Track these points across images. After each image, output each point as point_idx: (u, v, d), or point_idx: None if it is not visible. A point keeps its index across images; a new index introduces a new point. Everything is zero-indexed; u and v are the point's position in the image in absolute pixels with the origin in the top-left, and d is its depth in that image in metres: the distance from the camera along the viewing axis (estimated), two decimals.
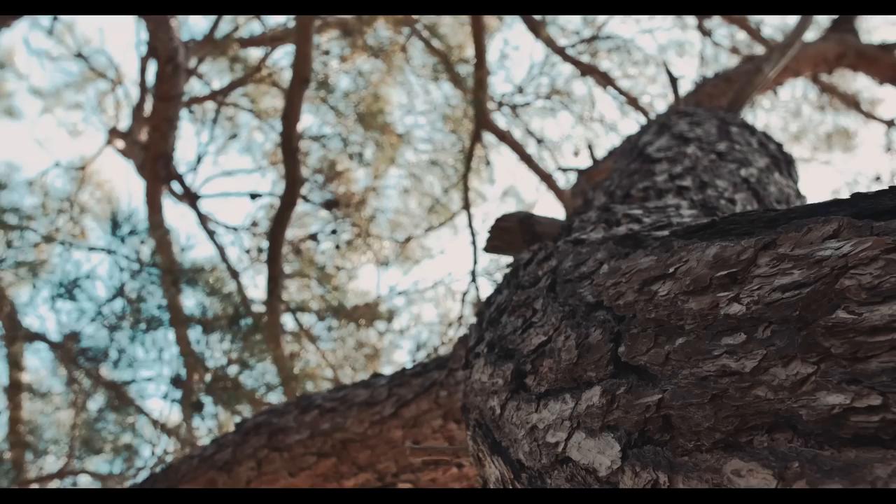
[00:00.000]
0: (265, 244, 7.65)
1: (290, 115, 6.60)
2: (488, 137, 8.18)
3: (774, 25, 8.12)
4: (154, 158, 7.25)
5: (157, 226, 7.02)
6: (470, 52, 8.01)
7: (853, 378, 0.77)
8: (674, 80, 3.47)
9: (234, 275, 7.58)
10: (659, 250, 1.25)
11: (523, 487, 1.24)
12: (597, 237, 1.60)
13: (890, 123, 7.87)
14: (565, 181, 7.54)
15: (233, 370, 6.61)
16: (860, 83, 8.06)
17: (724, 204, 2.01)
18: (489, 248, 2.57)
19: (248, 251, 7.98)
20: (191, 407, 6.48)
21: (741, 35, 8.10)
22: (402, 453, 2.72)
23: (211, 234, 7.78)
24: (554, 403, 1.20)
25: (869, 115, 8.08)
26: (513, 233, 2.49)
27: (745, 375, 0.88)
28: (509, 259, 2.76)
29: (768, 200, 2.28)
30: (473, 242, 7.83)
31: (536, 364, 1.34)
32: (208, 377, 6.62)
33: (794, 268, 0.93)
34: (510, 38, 13.97)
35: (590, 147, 5.05)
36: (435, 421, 2.64)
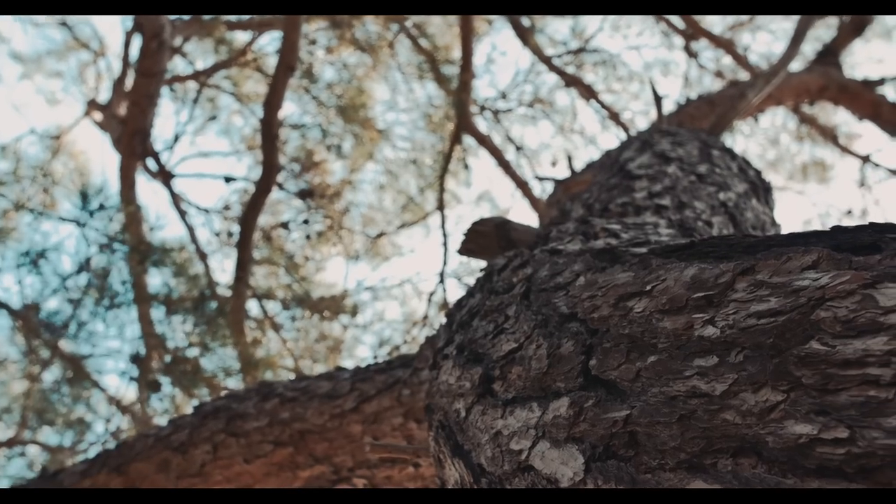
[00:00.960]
0: (236, 228, 7.62)
1: (272, 102, 6.57)
2: (468, 140, 8.19)
3: (760, 52, 8.20)
4: (131, 134, 7.19)
5: (128, 201, 6.97)
6: (457, 53, 8.02)
7: (822, 409, 0.77)
8: (658, 99, 3.48)
9: (203, 257, 7.54)
10: (637, 267, 1.25)
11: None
12: (574, 249, 1.61)
13: (865, 159, 7.95)
14: (541, 190, 7.56)
15: (193, 352, 6.58)
16: (840, 117, 8.15)
17: (701, 226, 2.02)
18: (463, 251, 2.57)
19: (218, 234, 7.94)
20: (148, 386, 6.44)
21: (727, 60, 8.16)
22: (360, 448, 2.71)
23: (182, 214, 7.73)
24: (520, 411, 1.21)
25: (845, 150, 8.15)
26: (488, 237, 2.49)
27: (714, 398, 0.89)
28: (481, 263, 2.76)
29: (745, 226, 2.29)
30: (445, 243, 7.83)
31: (505, 370, 1.34)
32: (168, 358, 6.58)
33: (771, 295, 0.94)
34: (498, 42, 14.03)
35: (569, 158, 5.05)
36: (395, 419, 2.63)
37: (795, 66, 6.13)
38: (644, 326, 1.09)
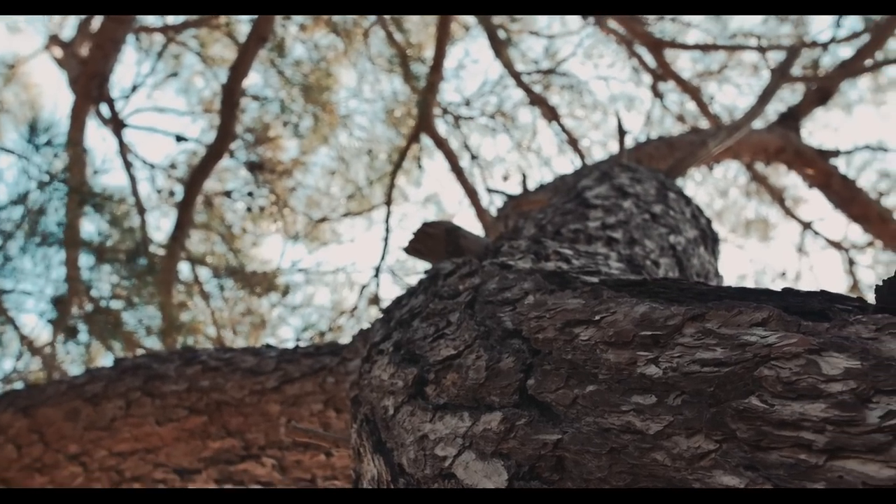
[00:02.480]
0: (178, 188, 7.53)
1: (238, 69, 6.51)
2: (426, 141, 8.18)
3: (723, 104, 8.31)
4: (90, 76, 7.07)
5: (75, 143, 6.85)
6: (429, 53, 8.01)
7: (752, 465, 0.78)
8: (623, 133, 3.51)
9: (141, 211, 7.43)
10: (588, 295, 1.26)
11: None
12: (525, 267, 1.61)
13: (807, 225, 8.10)
14: (489, 201, 7.58)
15: (117, 305, 6.48)
16: (790, 180, 8.29)
17: (649, 265, 2.04)
18: (410, 250, 2.57)
19: (160, 191, 7.83)
20: (65, 331, 6.33)
21: (690, 105, 8.26)
22: (275, 428, 2.69)
23: (128, 165, 7.61)
24: (450, 418, 1.21)
25: (790, 213, 8.29)
26: (436, 240, 2.49)
27: (647, 437, 0.90)
28: (423, 264, 2.76)
29: (690, 272, 2.32)
30: (386, 238, 7.82)
31: (440, 375, 1.34)
32: (89, 306, 6.48)
33: (718, 345, 0.95)
34: (472, 50, 14.01)
35: (523, 176, 5.08)
36: (315, 405, 2.62)
37: (757, 124, 6.23)
38: (587, 355, 1.10)
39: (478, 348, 1.31)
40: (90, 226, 6.45)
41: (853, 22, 7.13)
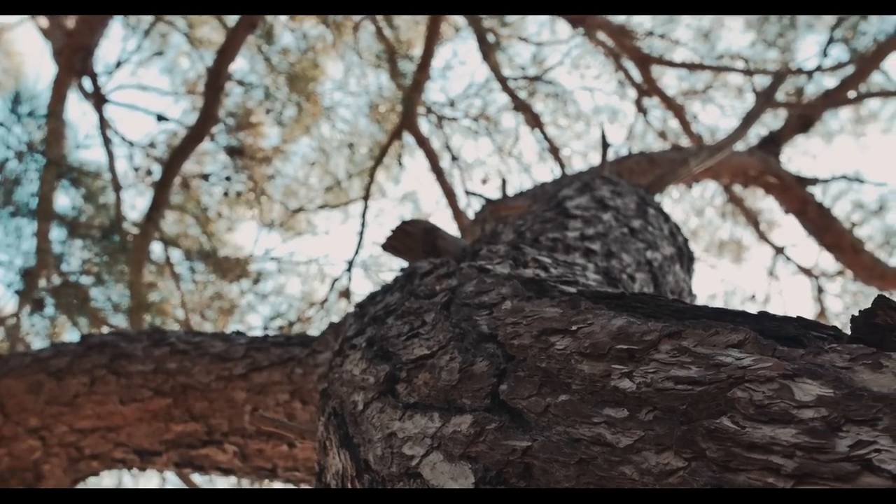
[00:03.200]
0: (156, 167, 7.49)
1: (225, 53, 6.49)
2: (408, 138, 8.18)
3: (705, 123, 8.36)
4: (74, 48, 7.02)
5: (55, 115, 6.80)
6: (418, 51, 8.00)
7: (719, 485, 0.79)
8: (606, 146, 3.52)
9: (117, 188, 7.38)
10: (566, 305, 1.27)
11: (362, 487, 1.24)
12: (503, 272, 1.62)
13: (780, 250, 8.16)
14: (466, 203, 7.59)
15: (86, 281, 6.44)
16: (765, 204, 8.35)
17: (625, 278, 2.05)
18: (387, 247, 2.57)
19: (137, 169, 7.78)
20: (31, 303, 6.28)
21: (673, 123, 8.29)
22: (239, 415, 2.68)
23: (107, 141, 7.55)
24: (420, 418, 1.21)
25: (763, 237, 8.35)
26: (414, 239, 2.49)
27: (617, 450, 0.90)
28: (398, 261, 2.76)
29: (665, 288, 2.34)
30: (362, 233, 7.81)
31: (412, 374, 1.34)
32: (58, 280, 6.43)
33: (693, 364, 0.96)
34: (460, 51, 13.99)
35: (503, 181, 5.08)
36: (282, 395, 2.61)
37: (738, 146, 6.27)
38: (562, 364, 1.10)
39: (452, 350, 1.31)
40: (65, 199, 6.40)
41: (839, 52, 7.21)
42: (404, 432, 1.20)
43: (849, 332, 0.97)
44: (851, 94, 7.32)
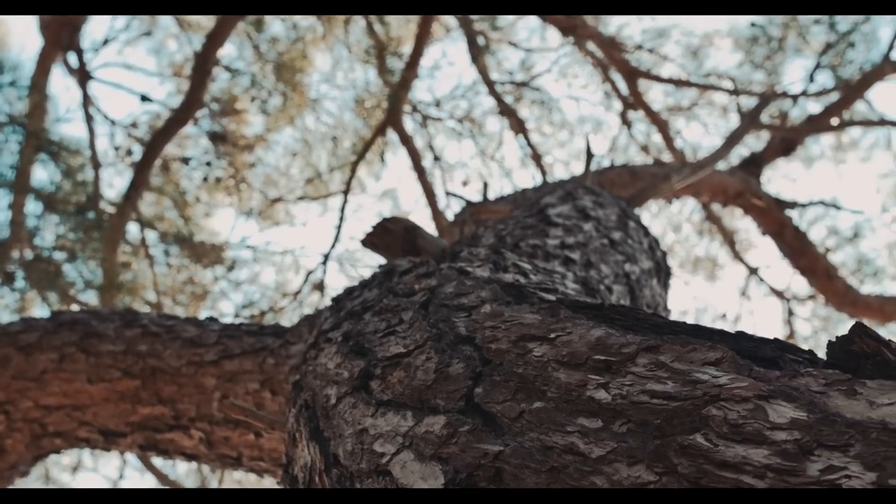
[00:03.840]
0: (136, 147, 7.45)
1: (214, 37, 6.47)
2: (392, 135, 8.17)
3: (688, 140, 8.38)
4: (62, 22, 6.97)
5: (38, 88, 6.75)
6: (407, 49, 8.00)
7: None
8: (590, 156, 3.53)
9: (96, 166, 7.33)
10: (545, 312, 1.27)
11: (330, 483, 1.23)
12: (483, 275, 1.62)
13: (753, 271, 8.21)
14: (446, 204, 7.59)
15: (59, 256, 6.39)
16: (742, 224, 8.39)
17: (602, 289, 2.06)
18: (366, 243, 2.57)
19: (117, 148, 7.74)
20: (2, 276, 6.23)
21: (656, 137, 8.32)
22: (207, 401, 2.67)
23: (89, 118, 7.51)
24: (393, 416, 1.20)
25: (738, 256, 8.40)
26: (394, 237, 2.49)
27: (589, 460, 0.90)
28: (372, 258, 2.76)
29: (641, 302, 2.35)
30: (339, 227, 7.79)
31: (387, 371, 1.34)
32: (30, 254, 6.39)
33: (670, 379, 0.96)
34: (449, 51, 13.99)
35: (485, 184, 5.09)
36: (252, 384, 2.60)
37: (720, 165, 6.30)
38: (539, 371, 1.11)
39: (428, 350, 1.31)
40: (43, 173, 6.35)
41: (825, 78, 7.27)
42: (376, 429, 1.20)
43: (824, 356, 0.98)
44: (834, 121, 7.37)
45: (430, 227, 7.24)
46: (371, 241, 2.56)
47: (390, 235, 2.51)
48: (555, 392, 1.04)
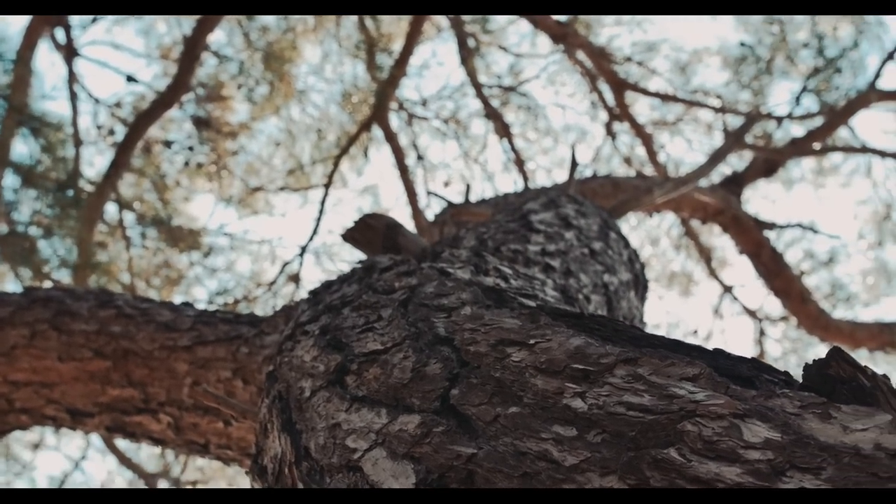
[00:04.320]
0: (119, 128, 7.42)
1: (205, 22, 6.44)
2: (377, 132, 8.16)
3: (671, 155, 8.42)
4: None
5: (24, 62, 6.70)
6: (397, 46, 8.00)
7: None
8: (575, 164, 3.54)
9: (77, 143, 7.29)
10: (525, 318, 1.27)
11: (300, 475, 1.23)
12: (464, 277, 1.62)
13: (728, 289, 8.26)
14: (426, 203, 7.60)
15: (35, 232, 6.36)
16: (719, 242, 8.44)
17: (581, 298, 2.06)
18: (347, 238, 2.57)
19: (100, 127, 7.69)
20: None
21: (640, 150, 8.35)
22: (178, 386, 2.66)
23: (73, 95, 7.46)
24: (367, 412, 1.20)
25: (713, 274, 8.44)
26: (375, 233, 2.49)
27: (562, 468, 0.90)
28: (349, 253, 2.76)
29: (618, 313, 2.36)
30: (318, 220, 7.78)
31: (363, 367, 1.34)
32: (5, 228, 6.34)
33: (647, 392, 0.97)
34: (439, 51, 13.99)
35: (467, 186, 5.10)
36: (224, 371, 2.59)
37: (702, 182, 6.33)
38: (516, 377, 1.11)
39: (406, 348, 1.31)
40: (23, 148, 6.31)
41: (810, 102, 7.32)
42: (349, 424, 1.20)
43: (800, 379, 0.99)
44: (817, 145, 7.43)
45: (409, 226, 7.23)
46: (352, 236, 2.56)
47: (371, 231, 2.51)
48: (531, 398, 1.05)
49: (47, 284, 6.00)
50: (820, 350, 7.76)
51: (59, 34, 7.25)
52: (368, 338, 1.43)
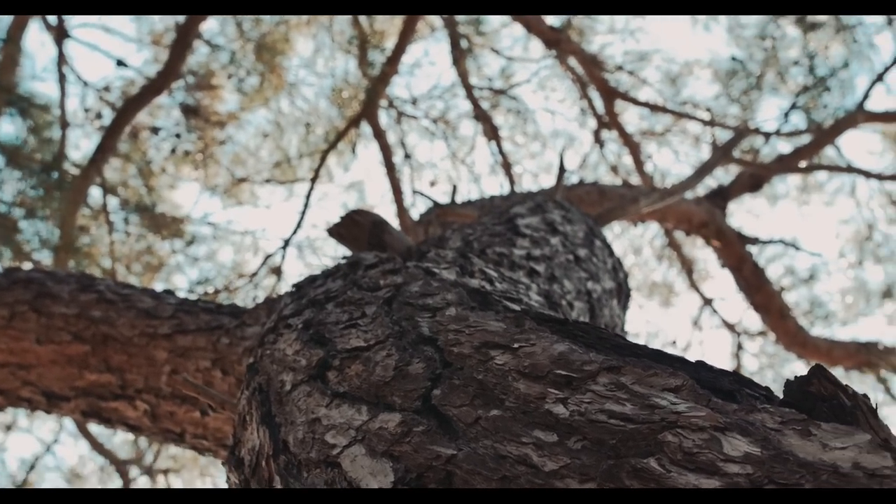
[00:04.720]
0: (107, 112, 7.39)
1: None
2: (365, 128, 8.15)
3: (658, 165, 8.45)
4: None
5: (13, 41, 6.67)
6: (390, 44, 7.99)
7: None
8: (563, 170, 3.55)
9: (64, 126, 7.25)
10: (510, 321, 1.27)
11: (277, 469, 1.23)
12: (450, 278, 1.62)
13: (708, 302, 8.29)
14: (412, 202, 7.59)
15: (17, 213, 6.32)
16: (702, 254, 8.47)
17: (564, 304, 2.07)
18: (332, 233, 2.56)
19: (87, 110, 7.66)
20: None
21: (627, 159, 8.37)
22: (157, 374, 2.64)
23: (62, 77, 7.42)
24: (347, 408, 1.20)
25: (694, 285, 8.47)
26: (361, 229, 2.49)
27: (541, 473, 0.90)
28: (332, 248, 2.76)
29: (600, 321, 2.36)
30: (303, 213, 7.76)
31: (346, 364, 1.33)
32: None
33: (629, 401, 0.97)
34: (432, 52, 13.97)
35: (454, 187, 5.11)
36: (204, 361, 2.58)
37: (688, 194, 6.35)
38: (499, 380, 1.11)
39: (389, 346, 1.31)
40: (9, 127, 6.28)
41: (799, 120, 7.35)
42: (329, 420, 1.20)
43: (781, 395, 0.99)
44: (803, 162, 7.47)
45: (394, 224, 7.22)
46: (337, 232, 2.55)
47: (357, 228, 2.50)
48: (513, 402, 1.05)
49: (27, 266, 5.97)
50: (797, 366, 7.81)
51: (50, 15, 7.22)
52: (352, 334, 1.43)
